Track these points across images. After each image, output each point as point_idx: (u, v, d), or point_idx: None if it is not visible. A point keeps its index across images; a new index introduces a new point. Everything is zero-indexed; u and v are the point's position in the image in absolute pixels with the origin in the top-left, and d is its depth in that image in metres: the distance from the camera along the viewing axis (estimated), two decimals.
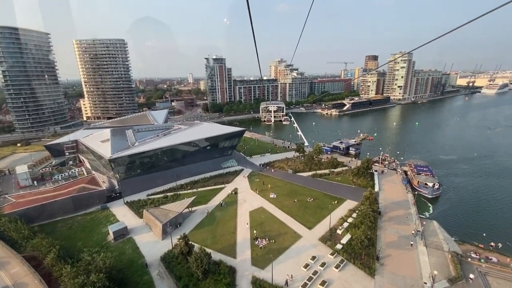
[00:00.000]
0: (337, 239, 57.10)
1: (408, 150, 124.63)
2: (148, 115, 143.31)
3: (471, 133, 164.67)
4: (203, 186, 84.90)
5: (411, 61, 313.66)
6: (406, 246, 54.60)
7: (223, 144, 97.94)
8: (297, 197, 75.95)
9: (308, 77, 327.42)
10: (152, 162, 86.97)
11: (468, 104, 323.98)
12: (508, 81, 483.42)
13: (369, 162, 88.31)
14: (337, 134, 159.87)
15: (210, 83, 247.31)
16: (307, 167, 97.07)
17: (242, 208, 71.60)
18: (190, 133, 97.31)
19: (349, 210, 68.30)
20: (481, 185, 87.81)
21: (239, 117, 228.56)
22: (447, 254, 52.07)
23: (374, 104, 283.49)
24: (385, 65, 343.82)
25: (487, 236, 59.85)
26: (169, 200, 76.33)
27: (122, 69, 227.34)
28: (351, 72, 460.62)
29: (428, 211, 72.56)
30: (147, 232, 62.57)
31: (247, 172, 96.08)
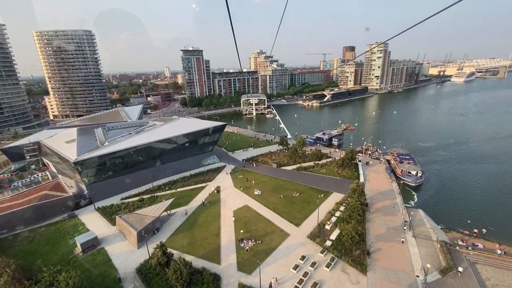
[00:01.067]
0: (326, 235, 54.73)
1: (389, 139, 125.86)
2: (121, 111, 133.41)
3: (446, 120, 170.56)
4: (182, 186, 79.43)
5: (386, 51, 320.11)
6: (395, 238, 53.34)
7: (203, 140, 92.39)
8: (283, 192, 72.92)
9: (288, 68, 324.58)
10: (125, 162, 79.90)
11: (439, 92, 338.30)
12: (474, 69, 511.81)
13: (353, 153, 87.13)
14: (319, 125, 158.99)
15: (187, 76, 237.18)
16: (291, 160, 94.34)
17: (225, 207, 67.37)
18: (166, 129, 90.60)
19: (336, 203, 66.31)
20: (460, 171, 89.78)
21: (219, 111, 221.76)
22: (436, 243, 51.37)
23: (353, 94, 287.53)
24: (362, 55, 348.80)
25: (471, 223, 60.39)
26: (145, 204, 70.41)
27: (91, 63, 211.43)
28: (330, 63, 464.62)
29: (413, 199, 72.50)
30: (121, 241, 56.72)
31: (229, 168, 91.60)
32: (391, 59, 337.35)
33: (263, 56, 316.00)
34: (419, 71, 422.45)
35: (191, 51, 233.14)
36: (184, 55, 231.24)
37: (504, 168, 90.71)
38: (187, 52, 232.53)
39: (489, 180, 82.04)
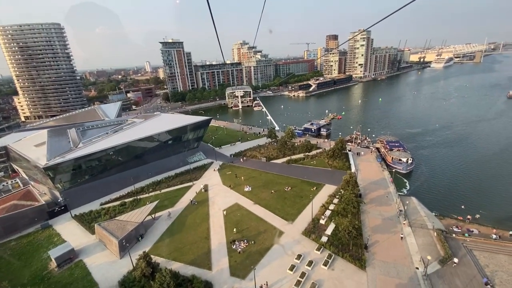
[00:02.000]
0: (321, 230, 52.47)
1: (377, 126, 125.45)
2: (98, 109, 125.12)
3: (429, 105, 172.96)
4: (167, 187, 74.78)
5: (369, 38, 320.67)
6: (392, 229, 51.86)
7: (187, 136, 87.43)
8: (274, 187, 70.04)
9: (272, 59, 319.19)
10: (103, 164, 74.06)
11: (421, 78, 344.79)
12: (452, 55, 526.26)
13: (343, 143, 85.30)
14: (307, 115, 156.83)
15: (168, 70, 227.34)
16: (281, 153, 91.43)
17: (214, 207, 63.70)
18: (147, 127, 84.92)
19: (329, 196, 64.18)
20: (447, 155, 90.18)
21: (204, 105, 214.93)
22: (432, 232, 50.31)
23: (338, 83, 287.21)
24: (346, 43, 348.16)
25: (465, 208, 59.95)
26: (127, 208, 65.53)
27: (62, 59, 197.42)
28: (313, 53, 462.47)
29: (405, 187, 71.67)
30: (102, 251, 52.08)
31: (217, 165, 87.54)
32: (374, 47, 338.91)
33: (247, 47, 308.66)
34: (400, 58, 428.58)
35: (170, 43, 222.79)
36: (163, 47, 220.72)
37: (489, 151, 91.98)
38: (167, 44, 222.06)
39: (476, 164, 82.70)
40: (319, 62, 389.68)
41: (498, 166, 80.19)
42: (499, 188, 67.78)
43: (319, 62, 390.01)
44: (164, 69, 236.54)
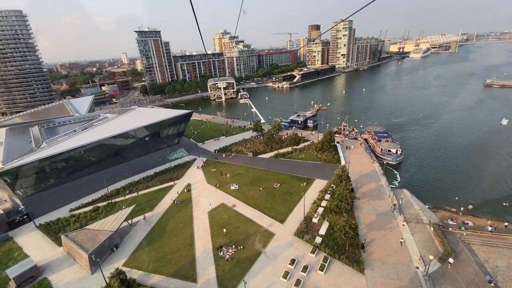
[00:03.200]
0: (314, 230, 49.12)
1: (364, 117, 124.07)
2: (67, 104, 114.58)
3: (412, 95, 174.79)
4: (146, 188, 68.50)
5: (351, 28, 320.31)
6: (387, 225, 49.46)
7: (166, 131, 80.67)
8: (262, 184, 65.89)
9: (255, 49, 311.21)
10: (72, 166, 66.30)
11: (401, 68, 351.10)
12: (429, 45, 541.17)
13: (332, 135, 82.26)
14: (292, 107, 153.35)
15: (145, 60, 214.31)
16: (268, 147, 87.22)
17: (198, 208, 58.62)
18: (120, 122, 77.29)
19: (320, 191, 61.05)
20: (434, 145, 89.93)
21: (185, 97, 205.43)
22: (428, 227, 48.38)
23: (322, 73, 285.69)
24: (328, 31, 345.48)
25: (458, 199, 58.92)
26: (100, 213, 59.01)
27: (26, 50, 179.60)
28: (296, 43, 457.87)
29: (396, 179, 69.97)
30: (71, 266, 45.86)
31: (200, 161, 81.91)
32: (356, 37, 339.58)
33: (228, 37, 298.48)
34: (381, 49, 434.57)
35: (147, 32, 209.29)
36: (139, 37, 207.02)
37: (473, 139, 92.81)
38: (143, 33, 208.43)
39: (462, 152, 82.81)
40: (302, 52, 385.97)
41: (483, 154, 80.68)
42: (486, 177, 67.73)
43: (302, 53, 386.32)
44: (141, 60, 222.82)
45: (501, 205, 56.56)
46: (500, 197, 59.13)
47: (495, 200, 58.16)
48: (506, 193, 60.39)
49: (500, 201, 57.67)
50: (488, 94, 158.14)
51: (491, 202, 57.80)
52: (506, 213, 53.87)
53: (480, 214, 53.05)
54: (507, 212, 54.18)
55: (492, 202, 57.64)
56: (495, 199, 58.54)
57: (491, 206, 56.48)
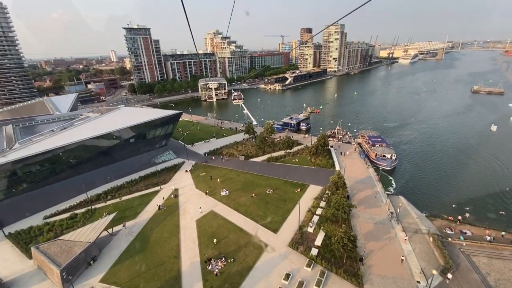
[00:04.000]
0: (309, 240, 46.26)
1: (357, 121, 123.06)
2: (47, 102, 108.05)
3: (403, 100, 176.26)
4: (130, 193, 63.96)
5: (343, 32, 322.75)
6: (385, 235, 47.20)
7: (153, 133, 76.27)
8: (254, 190, 62.64)
9: (247, 50, 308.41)
10: (48, 169, 61.07)
11: (390, 73, 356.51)
12: (417, 51, 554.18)
13: (325, 139, 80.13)
14: (285, 109, 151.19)
15: (134, 59, 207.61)
16: (260, 151, 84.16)
17: (186, 216, 54.73)
18: (103, 122, 72.43)
19: (314, 198, 58.39)
20: (427, 150, 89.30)
21: (174, 97, 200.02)
22: (427, 237, 46.42)
23: (314, 76, 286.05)
24: (319, 34, 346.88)
25: (455, 207, 57.57)
26: (78, 221, 54.23)
27: (5, 43, 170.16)
28: (288, 46, 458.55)
29: (391, 185, 68.20)
30: (42, 281, 41.15)
31: (189, 165, 77.90)
32: (347, 41, 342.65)
33: (220, 37, 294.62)
34: (372, 53, 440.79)
35: (136, 29, 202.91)
36: (128, 34, 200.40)
37: (466, 145, 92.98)
38: (132, 30, 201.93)
39: (456, 158, 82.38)
40: (294, 55, 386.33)
41: (476, 161, 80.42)
42: (480, 184, 66.90)
43: (294, 55, 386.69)
44: (130, 57, 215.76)
45: (497, 213, 55.58)
46: (496, 205, 58.17)
47: (491, 208, 57.11)
48: (501, 201, 59.50)
49: (496, 209, 56.71)
50: (475, 100, 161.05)
51: (487, 210, 56.71)
52: (502, 221, 52.84)
53: (477, 223, 51.74)
54: (503, 220, 53.17)
55: (488, 210, 56.56)
56: (491, 207, 57.50)
57: (488, 214, 55.35)
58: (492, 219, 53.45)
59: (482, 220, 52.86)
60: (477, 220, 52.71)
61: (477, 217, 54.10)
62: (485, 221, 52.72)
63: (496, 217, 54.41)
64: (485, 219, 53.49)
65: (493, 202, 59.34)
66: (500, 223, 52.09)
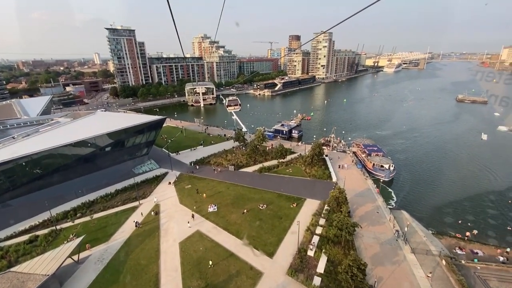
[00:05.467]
0: (310, 266, 40.51)
1: (350, 128, 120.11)
2: (15, 105, 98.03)
3: (391, 107, 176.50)
4: (103, 209, 56.03)
5: (331, 40, 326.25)
6: (394, 258, 42.25)
7: (133, 140, 68.69)
8: (246, 205, 56.47)
9: (236, 55, 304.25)
10: (5, 183, 52.29)
11: (377, 81, 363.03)
12: (401, 61, 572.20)
13: (321, 147, 75.53)
14: (275, 116, 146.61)
15: (117, 61, 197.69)
16: (251, 160, 78.30)
17: (167, 238, 47.63)
18: (75, 129, 64.32)
19: (313, 215, 52.85)
20: (423, 159, 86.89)
21: (160, 102, 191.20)
22: (439, 259, 41.89)
23: (303, 83, 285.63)
24: (309, 42, 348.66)
25: (458, 222, 53.91)
26: (39, 246, 45.94)
27: None
28: (277, 52, 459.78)
29: (392, 198, 64.15)
30: None
31: (173, 176, 70.69)
32: (335, 49, 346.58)
33: (208, 41, 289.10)
34: (358, 62, 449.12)
35: (119, 30, 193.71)
36: (111, 35, 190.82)
37: (461, 154, 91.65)
38: (115, 31, 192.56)
39: (454, 169, 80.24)
40: (283, 61, 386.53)
41: (472, 172, 78.18)
42: (481, 196, 64.02)
43: (283, 62, 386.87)
44: (113, 59, 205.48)
45: (504, 228, 52.39)
46: (502, 219, 55.10)
47: (497, 223, 53.94)
48: (506, 215, 56.56)
49: (502, 224, 53.61)
50: (462, 109, 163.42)
51: (493, 225, 53.48)
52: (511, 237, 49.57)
53: (486, 240, 48.22)
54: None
55: (494, 226, 53.32)
56: (496, 222, 54.34)
57: (495, 230, 52.09)
58: (500, 235, 50.12)
59: (490, 237, 49.55)
60: (485, 237, 49.30)
61: (484, 233, 50.67)
62: (494, 237, 49.37)
63: (504, 232, 51.11)
64: (493, 235, 50.14)
65: (498, 216, 56.34)
66: (510, 239, 48.72)
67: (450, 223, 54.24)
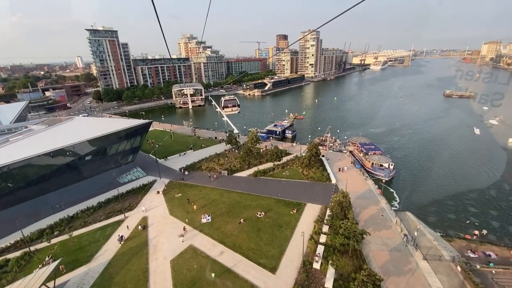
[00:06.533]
0: (317, 281, 36.83)
1: (345, 127, 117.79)
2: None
3: (382, 104, 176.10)
4: (84, 225, 50.50)
5: (319, 39, 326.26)
6: (405, 267, 39.11)
7: (115, 147, 63.06)
8: (242, 213, 52.29)
9: (224, 55, 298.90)
10: None
11: (364, 79, 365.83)
12: (386, 58, 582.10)
13: (317, 148, 72.26)
14: (267, 116, 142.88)
15: (99, 63, 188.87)
16: (245, 163, 74.14)
17: (157, 255, 42.80)
18: (49, 137, 58.23)
19: (315, 222, 49.31)
20: (420, 156, 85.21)
21: (146, 104, 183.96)
22: (453, 266, 39.08)
23: (292, 82, 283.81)
24: (296, 42, 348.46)
25: (463, 221, 51.65)
26: (9, 272, 40.36)
27: None
28: (265, 52, 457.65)
29: (394, 199, 61.52)
30: None
31: (161, 184, 65.57)
32: (323, 48, 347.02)
33: (195, 42, 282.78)
34: (346, 60, 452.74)
35: (101, 31, 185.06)
36: (91, 36, 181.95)
37: (457, 149, 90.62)
38: (96, 32, 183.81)
39: (451, 164, 78.71)
40: (271, 61, 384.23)
41: (473, 167, 76.96)
42: (485, 194, 62.37)
43: (271, 61, 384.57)
44: (95, 62, 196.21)
45: (508, 222, 50.56)
46: (509, 217, 53.22)
47: (505, 222, 51.96)
48: (509, 212, 54.85)
49: (509, 222, 51.71)
50: (450, 104, 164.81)
51: (501, 224, 51.43)
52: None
53: (496, 240, 46.10)
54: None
55: (503, 224, 51.30)
56: (504, 221, 52.39)
57: (502, 228, 50.05)
58: (509, 234, 48.06)
59: (499, 237, 47.39)
60: (495, 237, 47.06)
61: (493, 233, 48.54)
62: (502, 237, 47.24)
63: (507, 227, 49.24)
64: (501, 235, 48.00)
65: (504, 214, 54.50)
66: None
67: (457, 223, 51.93)
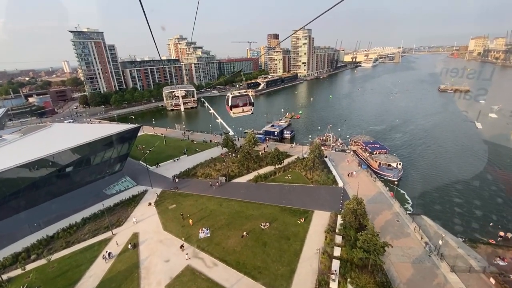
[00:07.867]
0: None
1: (344, 125, 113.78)
2: None
3: (379, 101, 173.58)
4: (66, 246, 44.37)
5: (311, 37, 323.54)
6: (433, 281, 34.71)
7: (101, 156, 56.93)
8: (244, 225, 47.13)
9: (215, 56, 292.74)
10: None
11: (357, 76, 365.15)
12: (377, 55, 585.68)
13: (320, 148, 67.87)
14: (262, 116, 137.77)
15: (85, 66, 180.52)
16: (244, 168, 68.99)
17: (150, 280, 37.22)
18: (23, 147, 51.80)
19: (326, 232, 44.47)
20: (426, 155, 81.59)
21: (136, 108, 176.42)
22: (485, 278, 34.88)
23: (286, 81, 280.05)
24: (288, 40, 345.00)
25: (484, 223, 47.77)
26: None
27: None
28: (257, 51, 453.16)
29: (407, 201, 57.37)
30: None
31: (153, 194, 59.74)
32: (315, 46, 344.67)
33: (185, 42, 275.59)
34: (337, 58, 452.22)
35: (86, 33, 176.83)
36: (76, 38, 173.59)
37: (462, 145, 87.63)
38: (81, 34, 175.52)
39: (460, 161, 75.51)
40: (263, 60, 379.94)
41: (482, 162, 73.55)
42: (498, 192, 58.96)
43: (263, 61, 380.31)
44: (80, 66, 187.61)
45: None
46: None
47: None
48: None
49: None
50: (447, 99, 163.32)
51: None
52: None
53: None
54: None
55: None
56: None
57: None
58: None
59: None
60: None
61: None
62: None
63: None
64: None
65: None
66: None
67: (477, 226, 48.06)
